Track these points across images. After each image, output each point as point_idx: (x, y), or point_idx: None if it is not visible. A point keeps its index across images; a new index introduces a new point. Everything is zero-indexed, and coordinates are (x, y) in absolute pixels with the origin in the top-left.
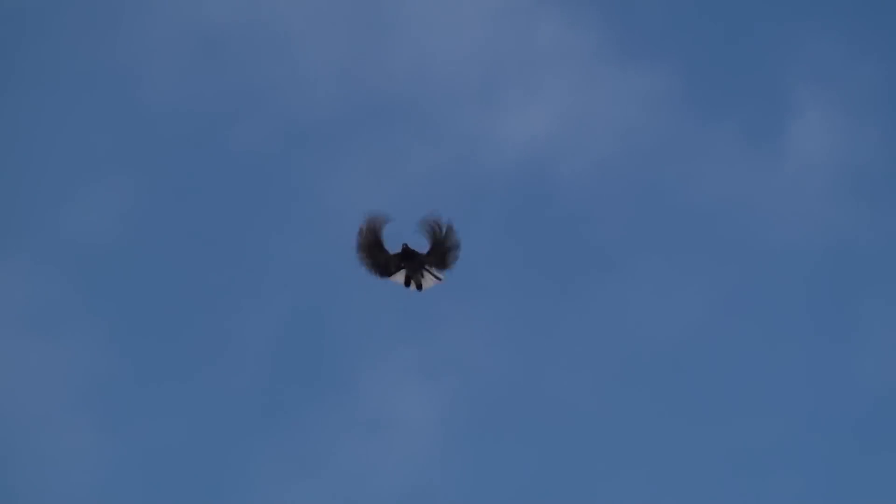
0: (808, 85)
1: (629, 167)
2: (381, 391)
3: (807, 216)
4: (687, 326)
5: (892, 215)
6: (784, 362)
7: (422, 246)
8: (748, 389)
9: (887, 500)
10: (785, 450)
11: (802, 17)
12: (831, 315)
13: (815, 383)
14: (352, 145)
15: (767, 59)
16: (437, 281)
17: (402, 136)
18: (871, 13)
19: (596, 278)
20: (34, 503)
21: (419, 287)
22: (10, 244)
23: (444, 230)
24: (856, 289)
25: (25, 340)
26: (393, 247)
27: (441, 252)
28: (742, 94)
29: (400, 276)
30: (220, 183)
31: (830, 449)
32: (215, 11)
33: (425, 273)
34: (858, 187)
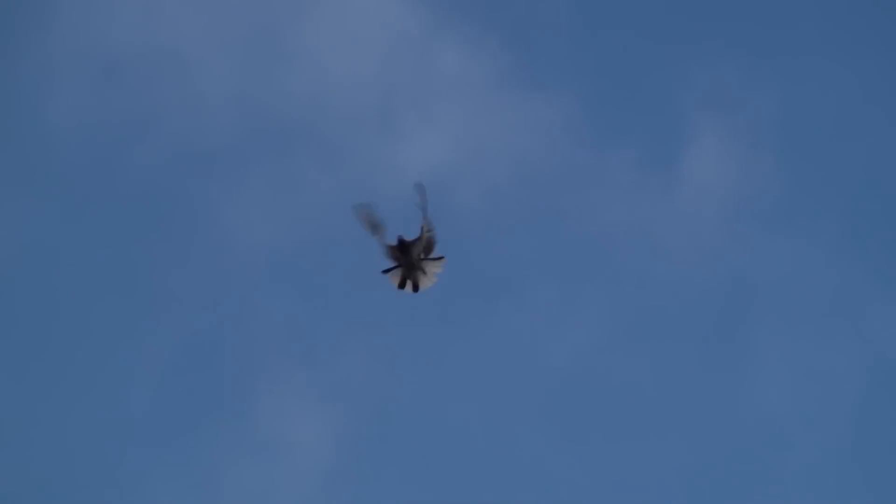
0: (703, 113)
1: (525, 195)
2: (275, 414)
3: (700, 245)
4: (581, 354)
5: (784, 245)
6: (677, 390)
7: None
8: (642, 416)
9: None
10: (677, 476)
11: (697, 46)
12: (723, 344)
13: (707, 411)
14: (250, 170)
15: (663, 87)
16: (437, 271)
17: (301, 162)
18: (764, 42)
19: (490, 305)
20: None
21: (416, 288)
22: None
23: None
24: (748, 318)
25: None
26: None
27: (425, 240)
28: (639, 122)
29: (395, 278)
30: (116, 207)
31: (723, 474)
32: (114, 36)
33: (423, 265)
34: (751, 216)
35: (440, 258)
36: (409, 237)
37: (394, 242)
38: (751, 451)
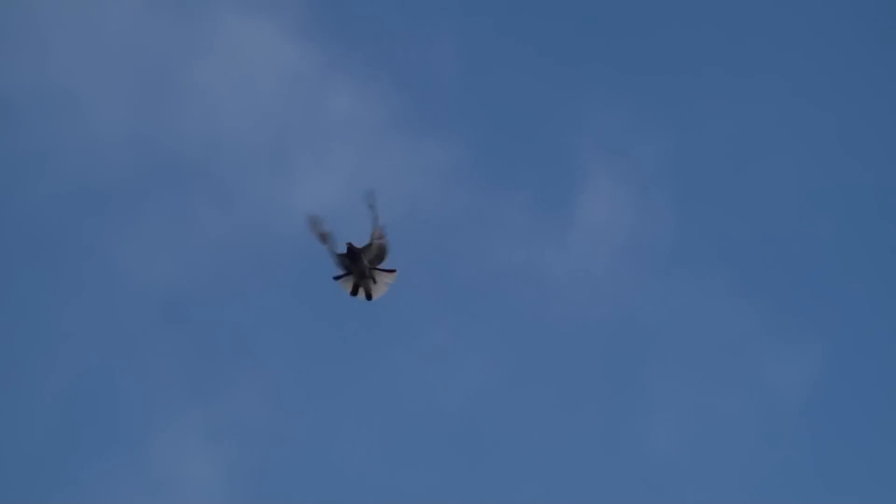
0: (597, 156)
1: (417, 237)
2: (168, 452)
3: (593, 288)
4: (474, 396)
5: (677, 289)
6: (570, 434)
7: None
8: (535, 459)
9: None
10: None
11: (589, 88)
12: (617, 388)
13: (600, 454)
14: (143, 209)
15: (556, 129)
16: (389, 281)
17: (194, 201)
18: (656, 87)
19: (384, 346)
20: None
21: (369, 296)
22: None
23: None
24: (641, 362)
25: None
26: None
27: (375, 248)
28: (531, 165)
29: (347, 285)
30: (7, 244)
31: None
32: (6, 74)
33: (375, 275)
34: (644, 259)
35: (392, 270)
36: (358, 244)
37: (343, 250)
38: (644, 495)
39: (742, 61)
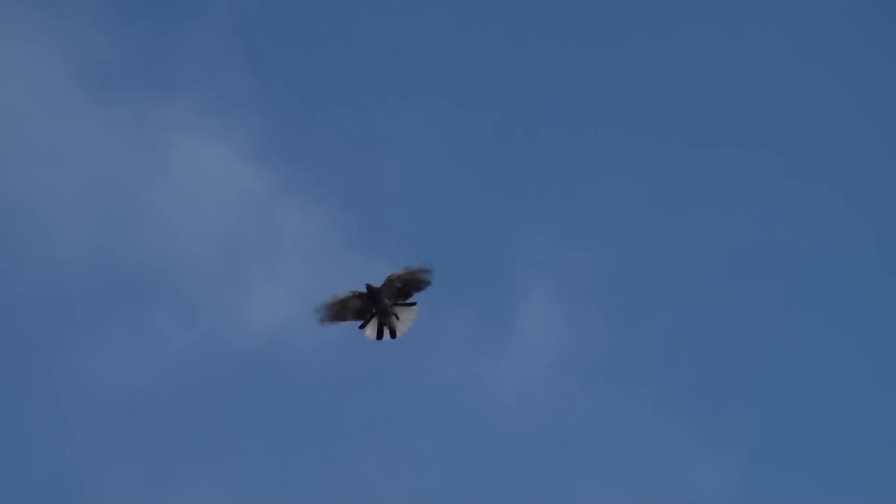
0: (533, 273)
1: (367, 348)
2: None
3: (528, 400)
4: (413, 498)
5: (605, 400)
6: None
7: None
8: None
9: None
10: None
11: (526, 209)
12: (547, 494)
13: None
14: (106, 321)
15: (496, 248)
16: (410, 315)
17: (154, 313)
18: (580, 210)
19: (332, 449)
20: None
21: (393, 334)
22: None
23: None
24: (571, 470)
25: None
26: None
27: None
28: (474, 283)
29: (372, 329)
30: None
31: None
32: None
33: (396, 310)
34: (576, 372)
35: (413, 304)
36: (377, 284)
37: (363, 290)
38: None
39: (662, 178)
